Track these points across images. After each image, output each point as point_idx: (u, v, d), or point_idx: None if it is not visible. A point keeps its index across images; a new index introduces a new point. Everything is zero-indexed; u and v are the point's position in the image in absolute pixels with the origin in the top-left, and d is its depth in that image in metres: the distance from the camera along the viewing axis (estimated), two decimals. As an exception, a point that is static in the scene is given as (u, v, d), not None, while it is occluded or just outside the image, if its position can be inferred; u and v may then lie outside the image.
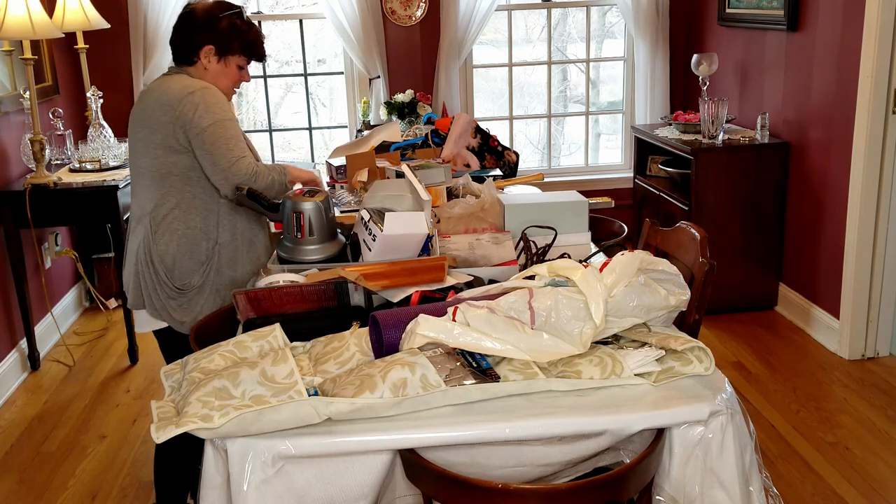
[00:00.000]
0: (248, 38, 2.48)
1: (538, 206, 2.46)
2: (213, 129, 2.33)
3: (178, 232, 2.40)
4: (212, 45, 2.44)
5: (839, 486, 2.81)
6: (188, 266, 2.41)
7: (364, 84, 5.06)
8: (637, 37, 5.11)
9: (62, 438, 3.32)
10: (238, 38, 2.46)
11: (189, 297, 2.42)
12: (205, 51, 2.44)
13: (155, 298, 2.43)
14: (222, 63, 2.47)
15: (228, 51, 2.46)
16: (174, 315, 2.43)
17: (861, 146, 3.53)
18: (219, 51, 2.45)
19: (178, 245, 2.40)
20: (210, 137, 2.33)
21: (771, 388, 3.51)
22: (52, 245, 4.32)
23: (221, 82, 2.49)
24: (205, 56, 2.44)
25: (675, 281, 1.84)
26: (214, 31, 2.43)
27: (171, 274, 2.41)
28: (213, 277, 2.44)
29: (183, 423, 1.51)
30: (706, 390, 1.65)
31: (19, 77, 4.01)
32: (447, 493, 1.51)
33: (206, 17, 2.43)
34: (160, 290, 2.42)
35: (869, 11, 3.42)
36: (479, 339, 1.67)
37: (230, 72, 2.49)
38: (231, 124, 2.37)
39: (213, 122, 2.33)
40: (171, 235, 2.40)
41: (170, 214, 2.40)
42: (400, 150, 3.38)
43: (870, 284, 3.66)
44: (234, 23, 2.45)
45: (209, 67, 2.46)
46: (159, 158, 2.37)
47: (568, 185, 4.93)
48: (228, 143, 2.34)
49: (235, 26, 2.45)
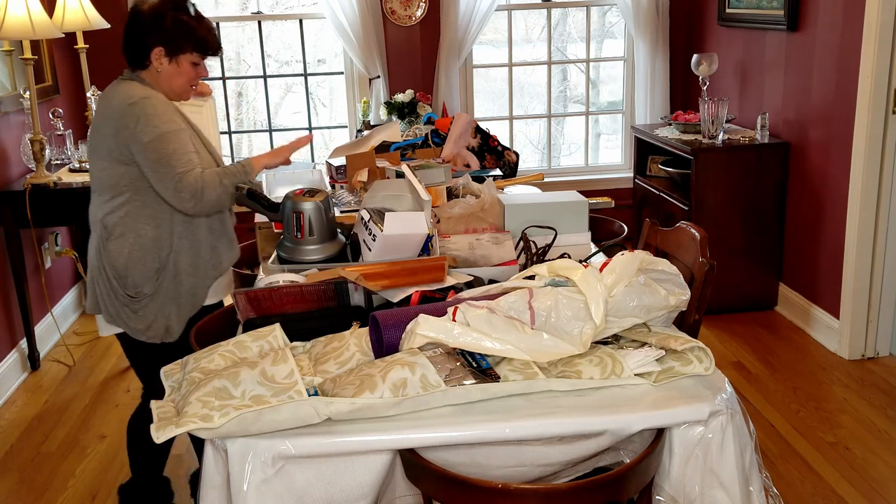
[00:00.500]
0: (199, 33, 2.36)
1: (538, 206, 2.46)
2: (153, 145, 2.24)
3: (129, 240, 2.34)
4: (161, 47, 2.32)
5: (839, 486, 2.81)
6: (140, 274, 2.35)
7: (364, 84, 5.06)
8: (637, 37, 5.11)
9: (62, 438, 3.32)
10: (188, 36, 2.34)
11: (142, 304, 2.37)
12: (155, 53, 2.33)
13: (109, 305, 2.38)
14: (174, 63, 2.36)
15: (179, 50, 2.34)
16: (129, 322, 2.39)
17: (861, 146, 3.53)
18: (169, 52, 2.34)
19: (129, 253, 2.34)
20: (152, 154, 2.25)
21: (771, 388, 3.51)
22: (52, 245, 4.32)
23: (177, 83, 2.39)
24: (156, 59, 2.34)
25: (675, 281, 1.84)
26: (162, 32, 2.31)
27: (123, 282, 2.35)
28: (169, 285, 2.38)
29: (183, 423, 1.51)
30: (706, 390, 1.65)
31: (19, 77, 4.01)
32: (447, 493, 1.51)
33: (152, 16, 2.31)
34: (114, 297, 2.37)
35: (869, 11, 3.42)
36: (479, 339, 1.67)
37: (184, 71, 2.38)
38: (173, 136, 2.27)
39: (154, 136, 2.24)
40: (122, 244, 2.34)
41: (120, 223, 2.34)
42: (400, 150, 3.38)
43: (870, 284, 3.66)
44: (181, 19, 2.33)
45: (161, 70, 2.36)
46: (107, 170, 2.31)
47: (568, 185, 4.92)
48: (171, 160, 2.25)
49: (183, 23, 2.33)
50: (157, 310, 2.38)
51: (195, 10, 2.39)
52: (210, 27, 2.41)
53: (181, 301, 2.41)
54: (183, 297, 2.41)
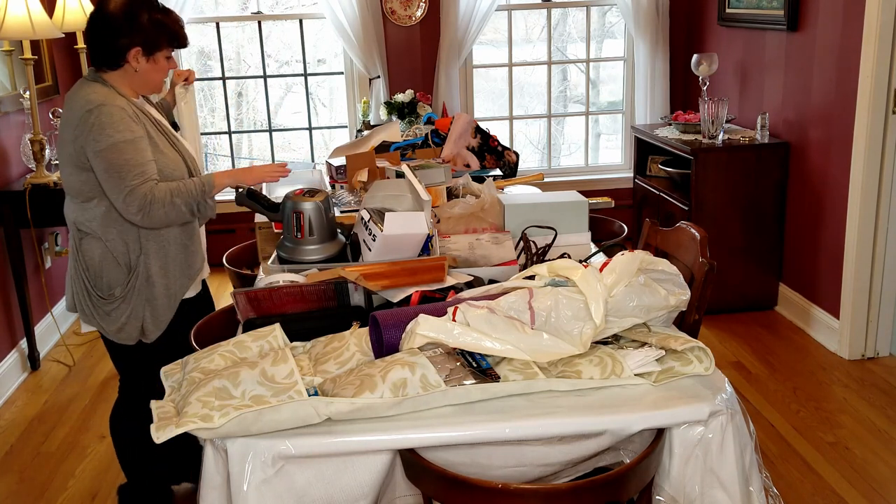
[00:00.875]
0: (172, 29, 2.36)
1: (538, 206, 2.46)
2: (105, 154, 2.23)
3: (101, 243, 2.35)
4: (139, 47, 2.30)
5: (839, 486, 2.81)
6: (111, 276, 2.37)
7: (364, 84, 5.07)
8: (637, 37, 5.11)
9: (62, 438, 3.32)
10: (162, 32, 2.33)
11: (114, 306, 2.38)
12: (132, 53, 2.31)
13: (84, 304, 2.41)
14: (151, 61, 2.35)
15: (156, 48, 2.33)
16: (101, 323, 2.40)
17: (861, 146, 3.53)
18: (146, 50, 2.32)
19: (100, 255, 2.36)
20: (103, 164, 2.24)
21: (771, 388, 3.51)
22: (52, 245, 4.32)
23: (154, 78, 2.39)
24: (133, 58, 2.32)
25: (675, 281, 1.84)
26: (138, 31, 2.29)
27: (96, 282, 2.37)
28: (141, 288, 2.38)
29: (183, 423, 1.51)
30: (706, 390, 1.65)
31: (19, 77, 4.01)
32: (447, 493, 1.51)
33: (125, 17, 2.28)
34: (87, 297, 2.39)
35: (869, 11, 3.42)
36: (479, 339, 1.67)
37: (160, 66, 2.38)
38: (126, 146, 2.24)
39: (107, 145, 2.23)
40: (93, 246, 2.36)
41: (90, 226, 2.35)
42: (400, 150, 3.38)
43: (870, 284, 3.66)
44: (156, 18, 2.32)
45: (139, 68, 2.34)
46: (72, 175, 2.32)
47: (568, 185, 4.93)
48: (121, 171, 2.23)
49: (156, 21, 2.32)
50: (130, 312, 2.39)
51: (163, 7, 2.38)
52: (177, 19, 2.40)
53: (155, 303, 2.41)
54: (157, 298, 2.41)
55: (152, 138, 2.36)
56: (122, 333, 2.41)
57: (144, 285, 2.38)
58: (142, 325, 2.41)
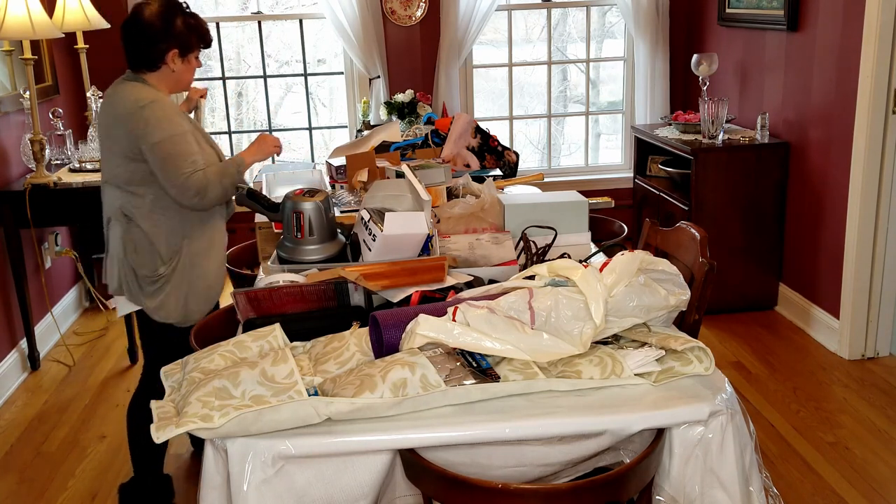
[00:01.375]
0: (202, 30, 2.59)
1: (538, 206, 2.46)
2: (161, 147, 2.42)
3: (144, 227, 2.52)
4: (175, 49, 2.52)
5: (839, 486, 2.81)
6: (155, 258, 2.53)
7: (364, 84, 5.06)
8: (637, 37, 5.11)
9: (62, 438, 3.32)
10: (193, 34, 2.56)
11: (158, 285, 2.55)
12: (170, 56, 2.52)
13: (131, 285, 2.57)
14: (185, 62, 2.57)
15: (189, 49, 2.56)
16: (146, 302, 2.57)
17: (861, 146, 3.53)
18: (182, 52, 2.54)
19: (144, 239, 2.52)
20: (161, 154, 2.43)
21: (771, 388, 3.51)
22: (52, 245, 4.32)
23: (185, 77, 2.61)
24: (171, 60, 2.53)
25: (675, 281, 1.84)
26: (175, 35, 2.51)
27: (141, 264, 2.54)
28: (185, 269, 2.56)
29: (183, 422, 1.51)
30: (706, 390, 1.65)
31: (19, 77, 4.01)
32: (447, 493, 1.51)
33: (162, 23, 2.49)
34: (133, 278, 2.56)
35: (869, 11, 3.42)
36: (479, 339, 1.67)
37: (192, 66, 2.61)
38: (179, 139, 2.45)
39: (162, 139, 2.42)
40: (137, 230, 2.52)
41: (136, 212, 2.51)
42: (400, 150, 3.38)
43: (870, 284, 3.66)
44: (188, 21, 2.55)
45: (175, 69, 2.56)
46: (121, 166, 2.48)
47: (568, 185, 4.92)
48: (177, 161, 2.43)
49: (189, 24, 2.54)
50: (172, 291, 2.55)
51: (189, 9, 2.60)
52: (205, 24, 2.64)
53: (199, 283, 2.60)
54: (202, 279, 2.60)
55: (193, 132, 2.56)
56: (162, 311, 2.57)
57: (188, 266, 2.57)
58: (183, 306, 2.58)
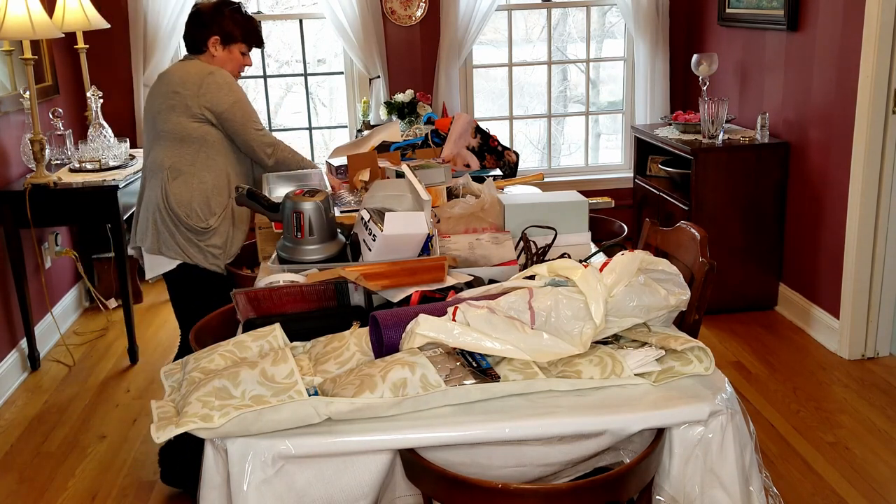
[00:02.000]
0: (248, 28, 2.93)
1: (538, 206, 2.46)
2: (238, 107, 2.82)
3: (192, 185, 2.82)
4: (217, 36, 2.88)
5: (839, 486, 2.81)
6: (203, 213, 2.84)
7: (364, 84, 5.06)
8: (637, 37, 5.11)
9: (62, 438, 3.32)
10: (238, 29, 2.90)
11: (207, 235, 2.85)
12: (212, 41, 2.88)
13: (174, 239, 2.83)
14: (227, 51, 2.91)
15: (231, 40, 2.90)
16: (193, 250, 2.84)
17: (861, 146, 3.53)
18: (223, 40, 2.89)
19: (191, 195, 2.82)
20: (238, 114, 2.82)
21: (771, 388, 3.51)
22: (52, 245, 4.32)
23: (227, 66, 2.92)
24: (212, 45, 2.88)
25: (675, 281, 1.84)
26: (219, 24, 2.87)
27: (187, 217, 2.82)
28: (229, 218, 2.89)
29: (183, 422, 1.51)
30: (706, 390, 1.65)
31: (19, 77, 4.01)
32: (447, 493, 1.51)
33: (211, 13, 2.88)
34: (177, 232, 2.83)
35: (869, 11, 3.42)
36: (479, 339, 1.67)
37: (234, 58, 2.93)
38: (247, 103, 2.87)
39: (235, 101, 2.81)
40: (185, 187, 2.82)
41: (185, 170, 2.82)
42: (400, 150, 3.38)
43: (870, 284, 3.66)
44: (235, 16, 2.90)
45: (217, 55, 2.90)
46: (181, 124, 2.80)
47: (568, 185, 4.92)
48: (254, 118, 2.87)
49: (236, 19, 2.90)
50: (221, 238, 2.88)
51: (246, 12, 2.95)
52: (257, 26, 2.99)
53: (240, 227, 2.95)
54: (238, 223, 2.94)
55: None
56: (211, 257, 2.86)
57: (231, 215, 2.90)
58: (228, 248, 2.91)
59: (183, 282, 2.91)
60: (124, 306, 3.94)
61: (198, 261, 2.85)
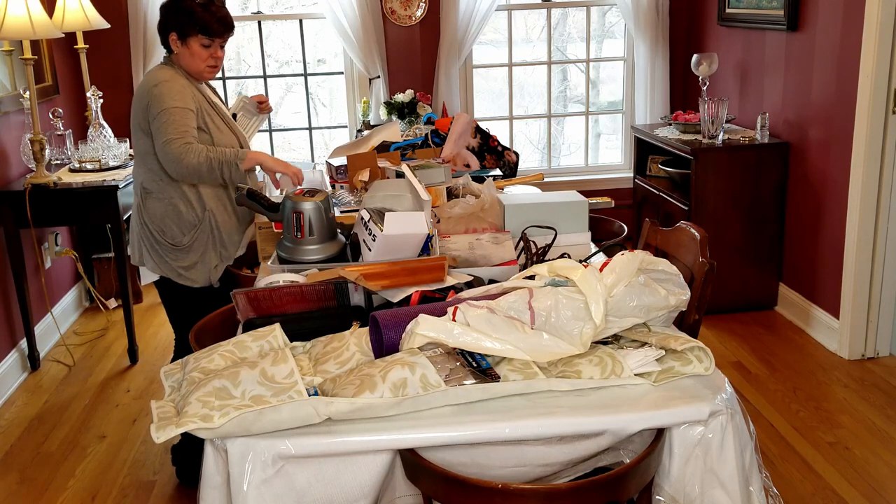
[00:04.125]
0: (200, 17, 2.61)
1: (538, 206, 2.46)
2: (160, 117, 2.56)
3: (164, 201, 2.69)
4: (174, 32, 2.63)
5: (839, 486, 2.81)
6: (177, 229, 2.71)
7: (364, 84, 5.06)
8: (637, 37, 5.11)
9: (62, 438, 3.32)
10: (190, 19, 2.60)
11: (183, 252, 2.72)
12: (171, 38, 2.65)
13: (153, 254, 2.74)
14: (185, 46, 2.64)
15: (187, 34, 2.62)
16: (172, 264, 2.73)
17: (861, 146, 3.53)
18: (180, 35, 2.63)
19: (163, 212, 2.70)
20: (156, 123, 2.57)
21: (771, 388, 3.51)
22: (52, 245, 4.32)
23: (194, 65, 2.67)
24: (173, 44, 2.65)
25: (675, 281, 1.84)
26: (173, 18, 2.62)
27: (163, 234, 2.71)
28: (207, 237, 2.73)
29: (183, 422, 1.51)
30: (706, 390, 1.65)
31: (19, 77, 4.01)
32: (447, 493, 1.51)
33: (168, 6, 2.64)
34: (157, 246, 2.73)
35: (869, 11, 3.42)
36: (479, 339, 1.67)
37: (195, 52, 2.64)
38: (176, 111, 2.55)
39: (161, 110, 2.55)
40: (158, 203, 2.70)
41: (155, 188, 2.69)
42: (400, 150, 3.38)
43: (870, 284, 3.66)
44: (185, 5, 2.61)
45: (179, 52, 2.66)
46: (140, 140, 2.67)
47: (568, 185, 4.93)
48: (167, 127, 2.54)
49: (186, 8, 2.60)
50: (198, 257, 2.73)
51: None
52: (216, 11, 2.65)
53: (219, 250, 2.76)
54: (219, 245, 2.76)
55: (208, 115, 2.69)
56: (189, 274, 2.74)
57: (210, 235, 2.73)
58: (208, 269, 2.75)
59: (169, 292, 2.82)
60: (124, 306, 3.94)
61: (172, 276, 2.75)
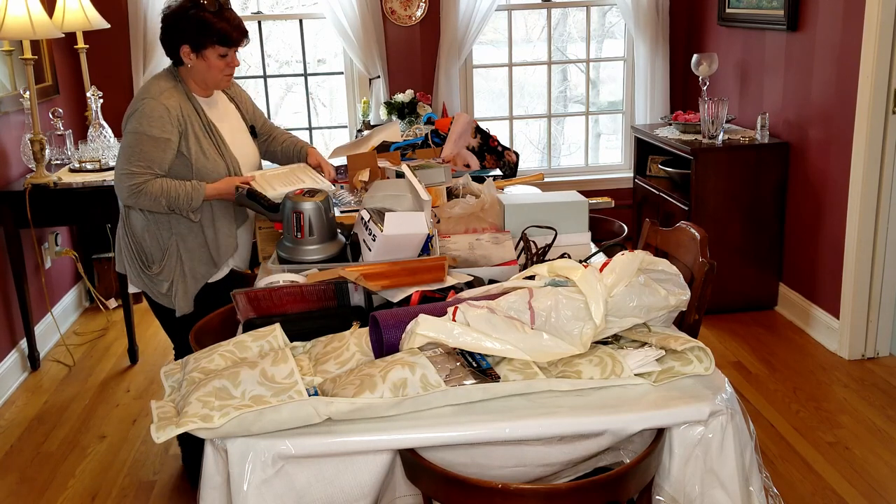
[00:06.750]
0: (218, 27, 2.47)
1: (538, 206, 2.46)
2: (129, 137, 2.45)
3: (140, 219, 2.59)
4: (186, 45, 2.48)
5: (839, 486, 2.81)
6: (150, 250, 2.61)
7: (364, 84, 5.06)
8: (637, 37, 5.11)
9: (62, 438, 3.32)
10: (207, 31, 2.46)
11: (154, 273, 2.61)
12: (183, 51, 2.49)
13: (132, 268, 2.65)
14: (201, 58, 2.50)
15: (202, 46, 2.48)
16: (148, 283, 2.64)
17: (861, 146, 3.53)
18: (193, 48, 2.48)
19: (141, 228, 2.60)
20: (123, 142, 2.47)
21: (771, 388, 3.51)
22: (52, 245, 4.32)
23: (211, 76, 2.54)
24: (185, 56, 2.50)
25: (675, 281, 1.84)
26: (185, 30, 2.47)
27: (140, 252, 2.62)
28: (176, 264, 2.59)
29: (183, 423, 1.51)
30: (706, 390, 1.65)
31: (19, 77, 4.01)
32: (447, 493, 1.51)
33: (175, 18, 2.48)
34: (134, 262, 2.64)
35: (869, 11, 3.42)
36: (479, 339, 1.67)
37: (213, 64, 2.51)
38: (147, 140, 2.42)
39: (130, 131, 2.44)
40: (137, 218, 2.60)
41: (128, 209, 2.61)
42: (400, 150, 3.38)
43: (870, 284, 3.66)
44: (200, 16, 2.45)
45: (192, 65, 2.51)
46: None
47: (568, 185, 4.92)
48: (131, 156, 2.44)
49: (201, 19, 2.45)
50: (168, 284, 2.61)
51: (218, 4, 2.49)
52: (231, 18, 2.50)
53: (186, 280, 2.62)
54: (187, 276, 2.62)
55: (197, 138, 2.52)
56: (164, 298, 2.64)
57: (177, 263, 2.60)
58: (175, 298, 2.62)
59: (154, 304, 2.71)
60: (124, 306, 3.94)
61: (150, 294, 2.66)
